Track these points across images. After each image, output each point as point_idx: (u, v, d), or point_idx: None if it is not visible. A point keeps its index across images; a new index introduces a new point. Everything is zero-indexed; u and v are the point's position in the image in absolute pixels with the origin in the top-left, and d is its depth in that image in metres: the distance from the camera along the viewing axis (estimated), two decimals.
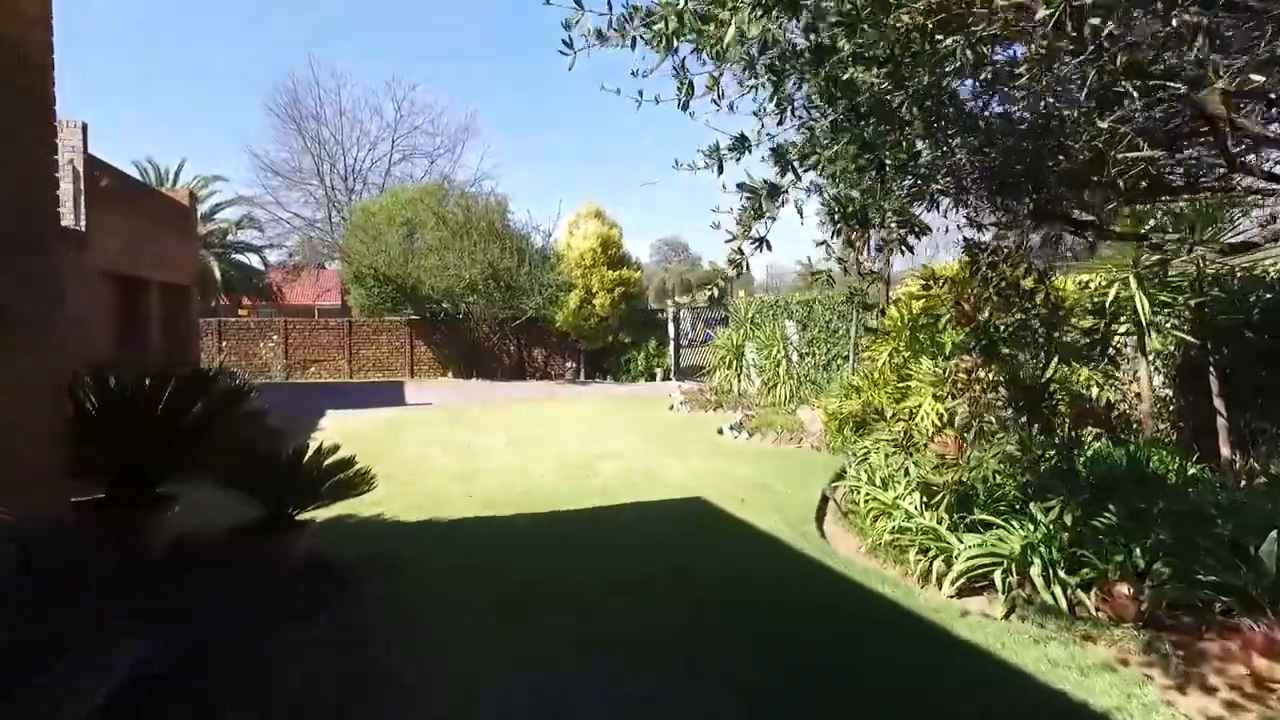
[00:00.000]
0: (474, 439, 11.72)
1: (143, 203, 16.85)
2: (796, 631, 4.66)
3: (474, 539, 6.75)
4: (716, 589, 5.37)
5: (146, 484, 5.73)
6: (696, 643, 4.48)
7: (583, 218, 24.73)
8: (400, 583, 5.64)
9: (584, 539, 6.64)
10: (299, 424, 12.83)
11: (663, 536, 6.67)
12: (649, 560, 5.97)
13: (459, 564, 6.04)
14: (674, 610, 4.94)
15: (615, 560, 6.00)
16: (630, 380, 24.57)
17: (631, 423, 13.66)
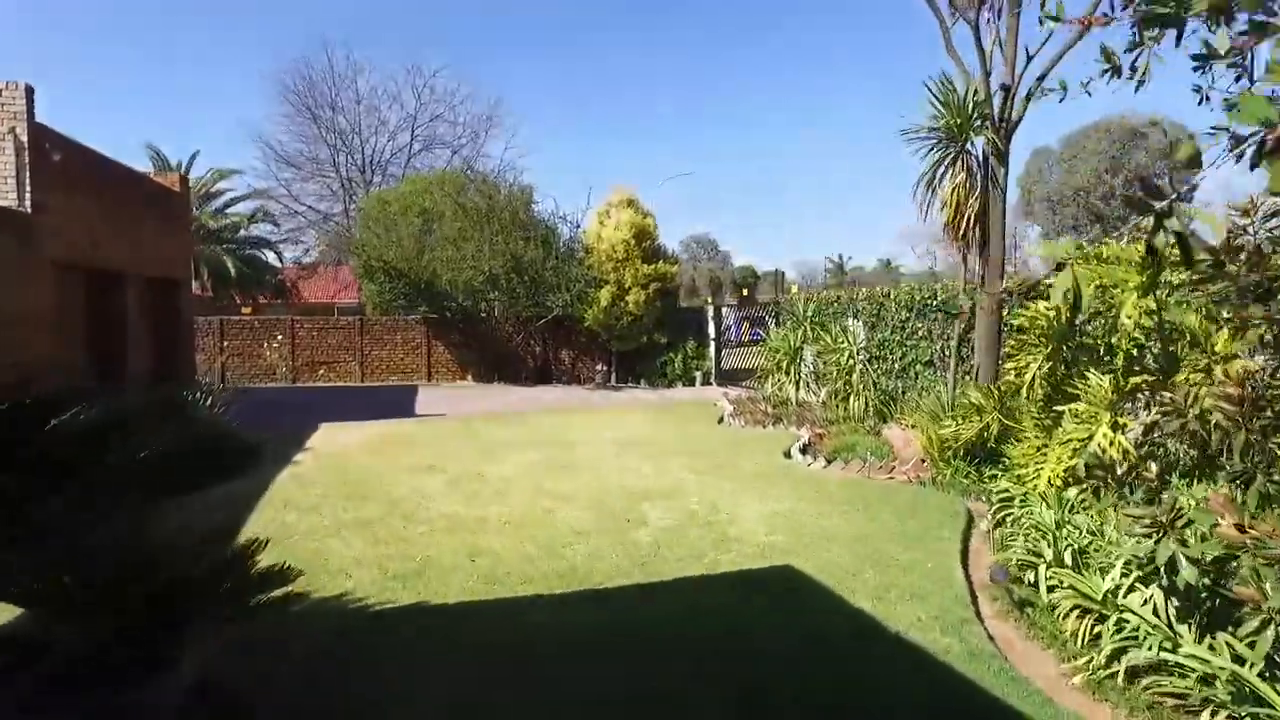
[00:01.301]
0: (487, 466, 9.55)
1: (117, 185, 14.90)
2: None
3: (471, 646, 4.56)
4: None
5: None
6: None
7: (614, 206, 22.54)
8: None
9: (628, 653, 4.43)
10: (280, 443, 10.81)
11: (750, 647, 4.43)
12: (739, 709, 3.76)
13: (439, 708, 3.85)
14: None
15: (681, 710, 3.80)
16: (666, 384, 22.34)
17: (678, 442, 11.44)
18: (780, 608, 5.05)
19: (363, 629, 4.82)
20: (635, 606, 5.09)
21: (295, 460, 9.81)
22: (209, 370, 21.15)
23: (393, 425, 12.98)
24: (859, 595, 5.12)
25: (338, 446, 10.87)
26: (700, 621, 4.83)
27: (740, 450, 10.58)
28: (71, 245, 12.88)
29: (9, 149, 11.39)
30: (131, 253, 15.37)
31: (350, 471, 9.15)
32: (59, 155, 12.14)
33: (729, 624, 4.78)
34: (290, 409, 15.53)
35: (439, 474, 9.05)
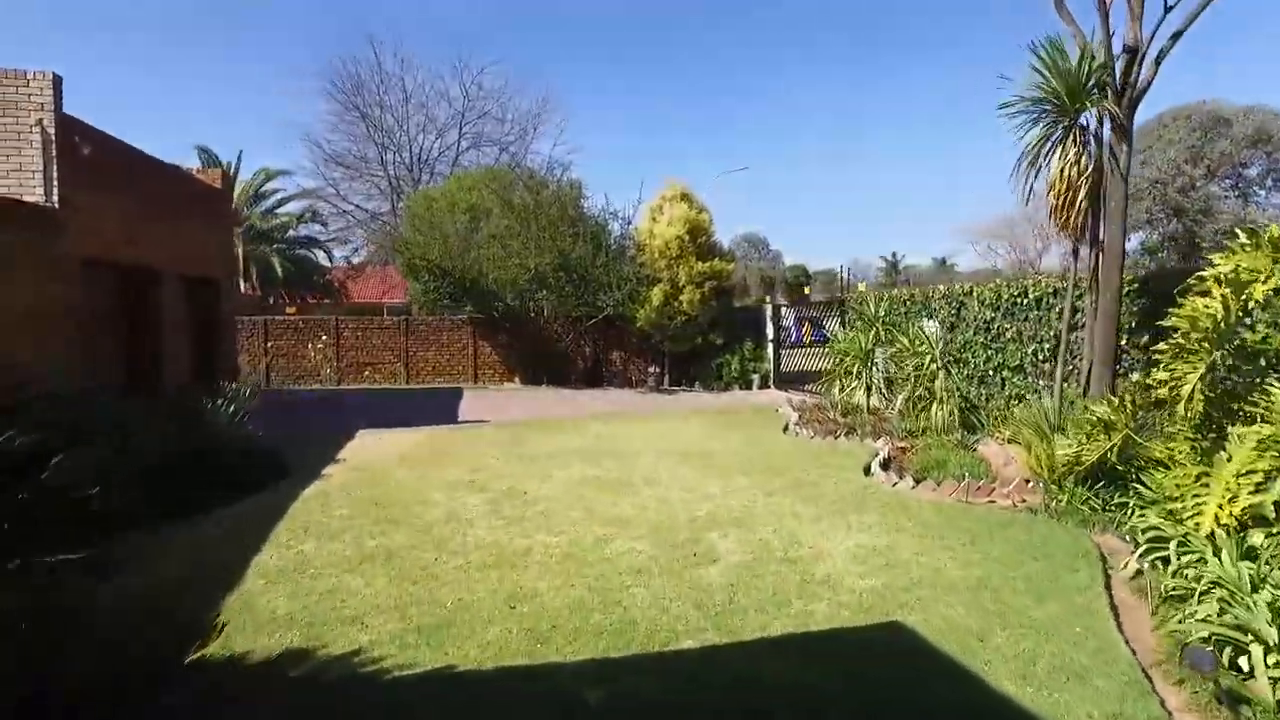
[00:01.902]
0: (532, 483, 8.62)
1: (152, 181, 14.35)
2: None
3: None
4: None
5: None
6: None
7: (667, 201, 21.54)
8: None
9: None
10: (311, 453, 10.06)
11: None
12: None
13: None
14: None
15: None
16: (722, 387, 21.25)
17: (742, 454, 10.39)
18: (897, 691, 3.98)
19: (365, 705, 3.89)
20: (709, 681, 4.07)
21: (323, 474, 8.99)
22: (253, 371, 20.72)
23: (433, 433, 12.16)
24: (998, 672, 4.03)
25: (371, 457, 10.05)
26: (795, 712, 3.80)
27: (813, 465, 9.48)
28: (102, 242, 12.31)
29: (36, 141, 10.82)
30: (168, 250, 14.83)
31: (382, 488, 8.29)
32: (89, 148, 11.55)
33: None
34: (329, 413, 14.87)
35: (479, 492, 8.14)
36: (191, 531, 6.68)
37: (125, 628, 4.65)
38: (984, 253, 54.10)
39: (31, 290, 10.10)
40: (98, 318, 13.04)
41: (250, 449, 8.94)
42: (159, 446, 7.61)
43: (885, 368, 13.31)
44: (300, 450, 10.38)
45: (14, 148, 10.80)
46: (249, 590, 5.27)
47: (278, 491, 8.12)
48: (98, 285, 13.08)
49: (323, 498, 7.84)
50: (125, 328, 14.01)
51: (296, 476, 8.84)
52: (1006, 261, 53.20)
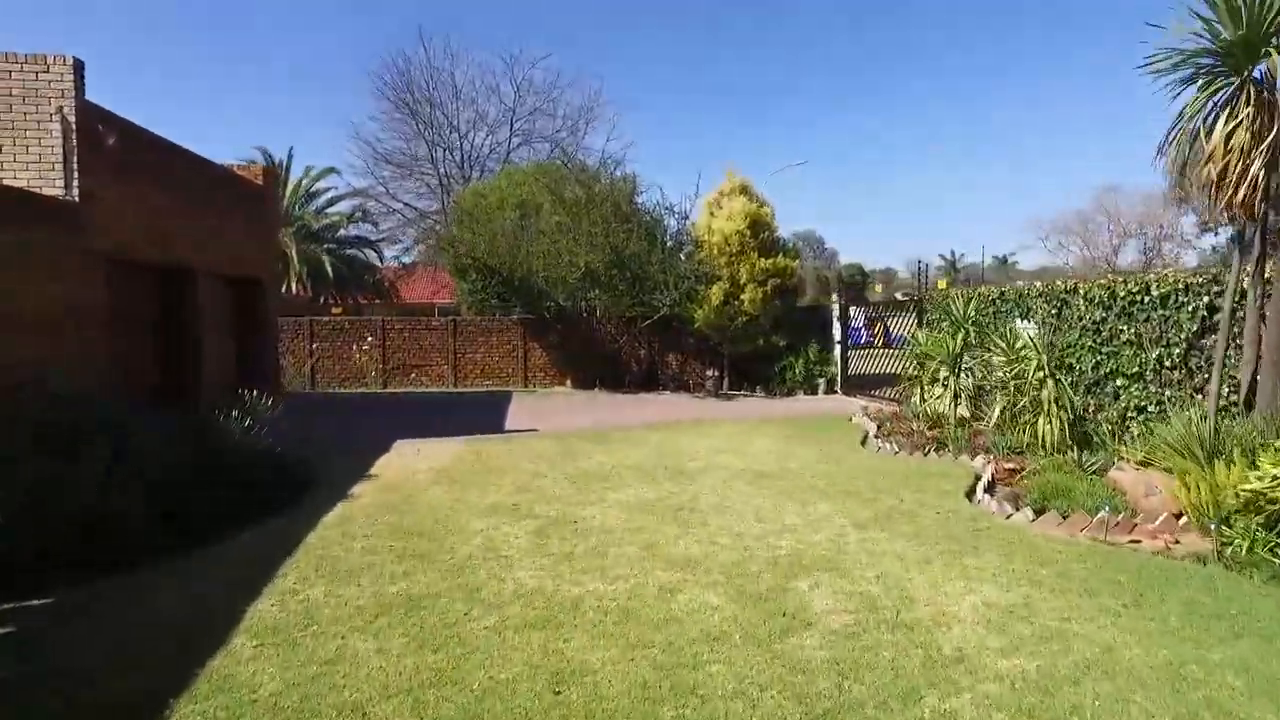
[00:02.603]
0: (584, 508, 7.51)
1: (187, 175, 13.64)
2: None
3: None
4: None
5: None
6: None
7: (726, 195, 20.32)
8: None
9: None
10: (342, 467, 9.13)
11: None
12: None
13: None
14: None
15: None
16: (785, 392, 19.94)
17: (820, 472, 9.15)
18: None
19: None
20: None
21: (350, 493, 8.01)
22: (298, 374, 20.09)
23: (477, 444, 11.15)
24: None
25: (406, 474, 9.06)
26: None
27: (905, 488, 8.20)
28: (129, 238, 11.58)
29: (55, 131, 10.08)
30: (204, 248, 14.11)
31: (414, 513, 7.27)
32: (114, 138, 10.81)
33: None
34: (368, 420, 14.01)
35: (523, 519, 7.06)
36: (184, 569, 5.72)
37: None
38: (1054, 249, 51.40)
39: (47, 289, 9.36)
40: (126, 318, 12.35)
41: (272, 464, 8.00)
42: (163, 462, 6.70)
43: (974, 374, 11.91)
44: (331, 463, 9.46)
45: (34, 137, 10.07)
46: (232, 656, 4.24)
47: (297, 515, 7.15)
48: (126, 284, 12.38)
49: (345, 524, 6.83)
50: (157, 329, 13.33)
51: (321, 496, 7.88)
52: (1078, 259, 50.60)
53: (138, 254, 11.89)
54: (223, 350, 15.95)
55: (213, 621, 4.72)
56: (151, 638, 4.54)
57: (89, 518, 5.58)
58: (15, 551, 5.26)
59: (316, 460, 9.50)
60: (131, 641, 4.49)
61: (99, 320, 10.34)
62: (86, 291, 10.07)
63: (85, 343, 9.92)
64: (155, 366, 13.13)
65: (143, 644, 4.45)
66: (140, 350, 12.82)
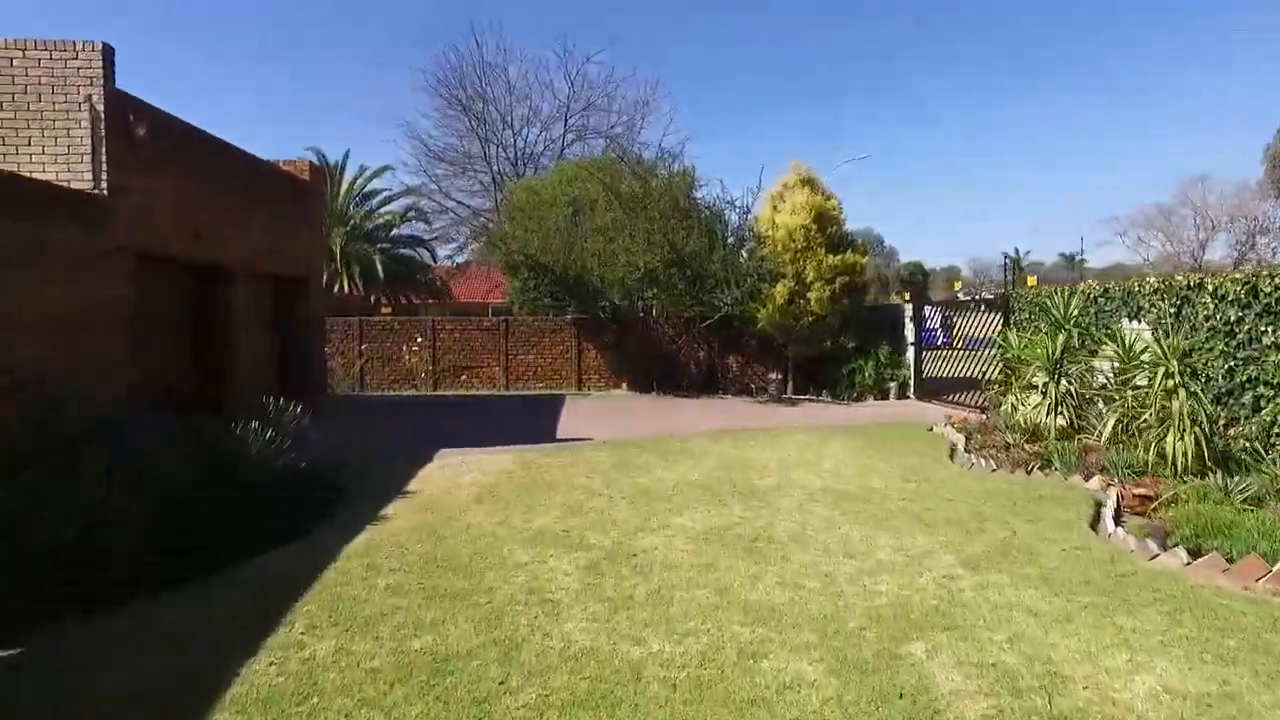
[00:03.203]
0: (643, 536, 6.56)
1: (226, 169, 13.05)
2: None
3: None
4: None
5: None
6: None
7: (789, 188, 19.20)
8: None
9: None
10: (374, 482, 8.35)
11: None
12: None
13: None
14: None
15: None
16: (854, 397, 18.73)
17: (910, 493, 8.04)
18: None
19: None
20: None
21: (383, 515, 7.18)
22: (347, 376, 19.57)
23: (526, 454, 10.28)
24: None
25: (445, 491, 8.20)
26: None
27: (1014, 515, 7.06)
28: (161, 235, 10.98)
29: (84, 121, 9.49)
30: (244, 246, 13.52)
31: (449, 541, 6.40)
32: (145, 129, 10.21)
33: None
34: (413, 425, 13.28)
35: (574, 550, 6.13)
36: (175, 611, 4.91)
37: None
38: (1132, 245, 48.77)
39: (70, 288, 8.77)
40: (156, 318, 11.78)
41: (296, 480, 7.22)
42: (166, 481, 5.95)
43: (1077, 380, 10.62)
44: (366, 477, 8.69)
45: (62, 128, 9.49)
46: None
47: (318, 541, 6.33)
48: (157, 282, 11.80)
49: (370, 554, 5.98)
50: (192, 330, 12.78)
51: (348, 517, 7.07)
52: (1159, 254, 47.94)
53: (170, 251, 11.31)
54: (264, 352, 15.42)
55: (193, 687, 3.88)
56: (113, 714, 3.70)
57: (72, 552, 4.82)
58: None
59: (351, 473, 8.75)
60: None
61: (124, 320, 9.75)
62: (113, 290, 9.47)
63: (109, 345, 9.32)
64: (189, 369, 12.58)
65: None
66: (172, 352, 12.25)
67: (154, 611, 4.89)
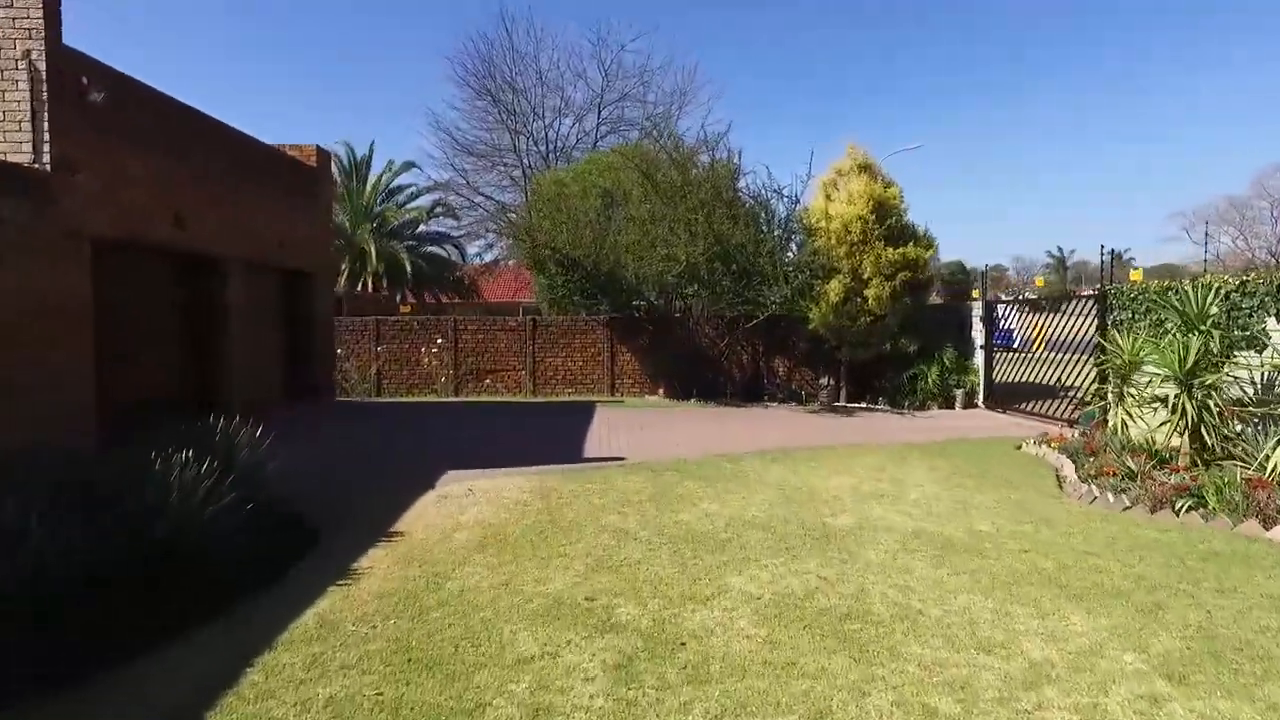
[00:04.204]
0: (693, 612, 4.85)
1: (213, 149, 11.64)
2: None
3: None
4: None
5: None
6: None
7: (844, 174, 17.37)
8: None
9: None
10: (356, 519, 6.75)
11: None
12: None
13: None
14: None
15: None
16: (917, 406, 16.86)
17: (1035, 542, 6.24)
18: None
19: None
20: None
21: (353, 571, 5.55)
22: (362, 379, 18.11)
23: (546, 479, 8.63)
24: None
25: (442, 532, 6.56)
26: None
27: (1197, 585, 5.23)
28: (133, 220, 9.50)
29: (22, 82, 8.07)
30: (240, 236, 12.03)
31: (434, 616, 4.75)
32: (103, 95, 8.73)
33: None
34: (422, 438, 11.70)
35: (599, 635, 4.44)
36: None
37: None
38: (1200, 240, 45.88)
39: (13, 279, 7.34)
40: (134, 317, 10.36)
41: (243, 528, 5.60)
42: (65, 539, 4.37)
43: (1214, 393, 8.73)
44: (347, 511, 7.13)
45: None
46: None
47: (256, 617, 4.71)
48: (134, 275, 10.39)
49: (319, 642, 4.35)
50: (176, 329, 11.35)
51: (306, 576, 5.44)
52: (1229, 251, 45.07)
53: (147, 239, 9.84)
54: (269, 353, 13.99)
55: None
56: None
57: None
58: None
59: (330, 506, 7.19)
60: None
61: (79, 319, 8.26)
62: (63, 283, 7.99)
63: (57, 348, 7.85)
64: (172, 374, 11.14)
65: None
66: (157, 355, 10.83)
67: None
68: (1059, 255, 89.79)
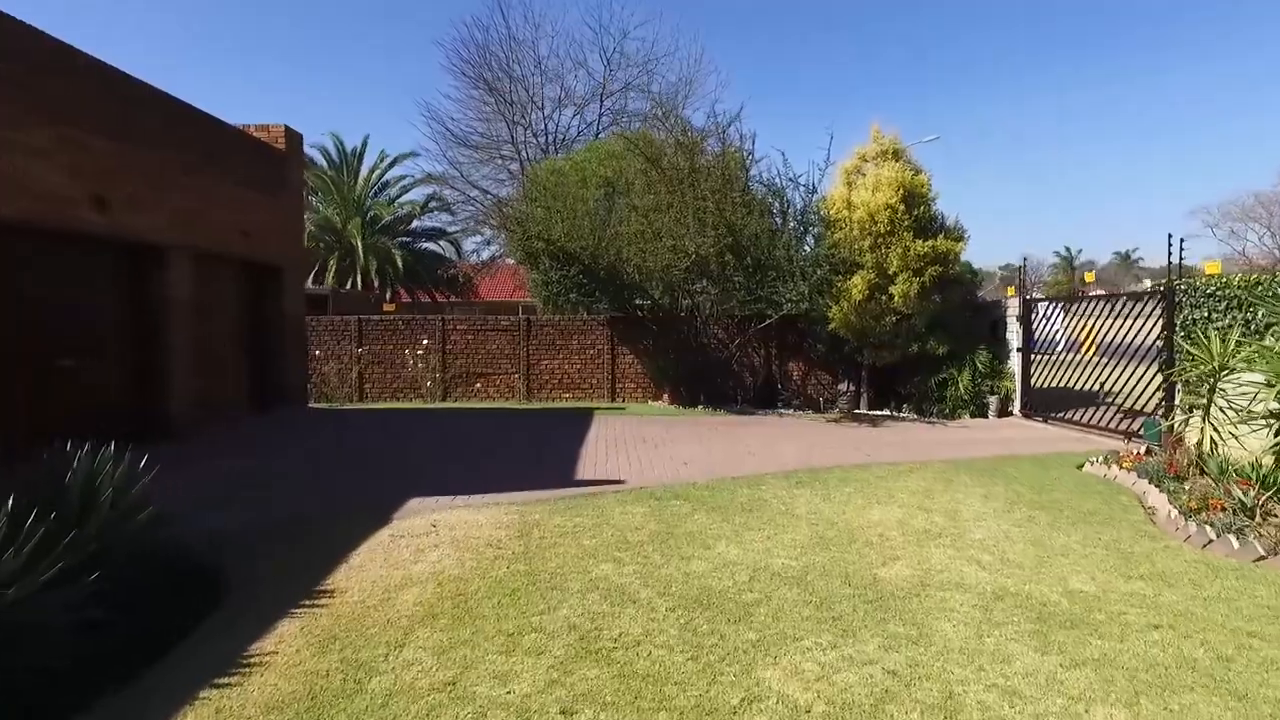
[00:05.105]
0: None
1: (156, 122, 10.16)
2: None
3: None
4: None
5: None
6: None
7: (869, 160, 15.87)
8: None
9: None
10: (278, 573, 5.23)
11: None
12: None
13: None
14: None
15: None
16: (947, 413, 15.37)
17: (1165, 610, 4.72)
18: None
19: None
20: None
21: (249, 658, 4.05)
22: (342, 384, 16.64)
23: (527, 512, 7.13)
24: None
25: (384, 592, 5.06)
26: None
27: None
28: (30, 197, 8.07)
29: None
30: (189, 222, 10.53)
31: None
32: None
33: None
34: (391, 454, 10.19)
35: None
36: None
37: None
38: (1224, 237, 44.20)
39: None
40: (43, 315, 8.89)
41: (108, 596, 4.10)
42: None
43: None
44: (269, 556, 5.64)
45: None
46: None
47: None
48: (45, 267, 8.93)
49: None
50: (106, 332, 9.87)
51: (175, 671, 3.95)
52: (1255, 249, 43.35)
53: (54, 220, 8.37)
54: (223, 356, 12.51)
55: None
56: None
57: None
58: None
59: (253, 550, 5.71)
60: None
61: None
62: None
63: None
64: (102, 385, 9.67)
65: None
66: (78, 360, 9.36)
67: None
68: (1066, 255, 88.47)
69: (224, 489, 7.87)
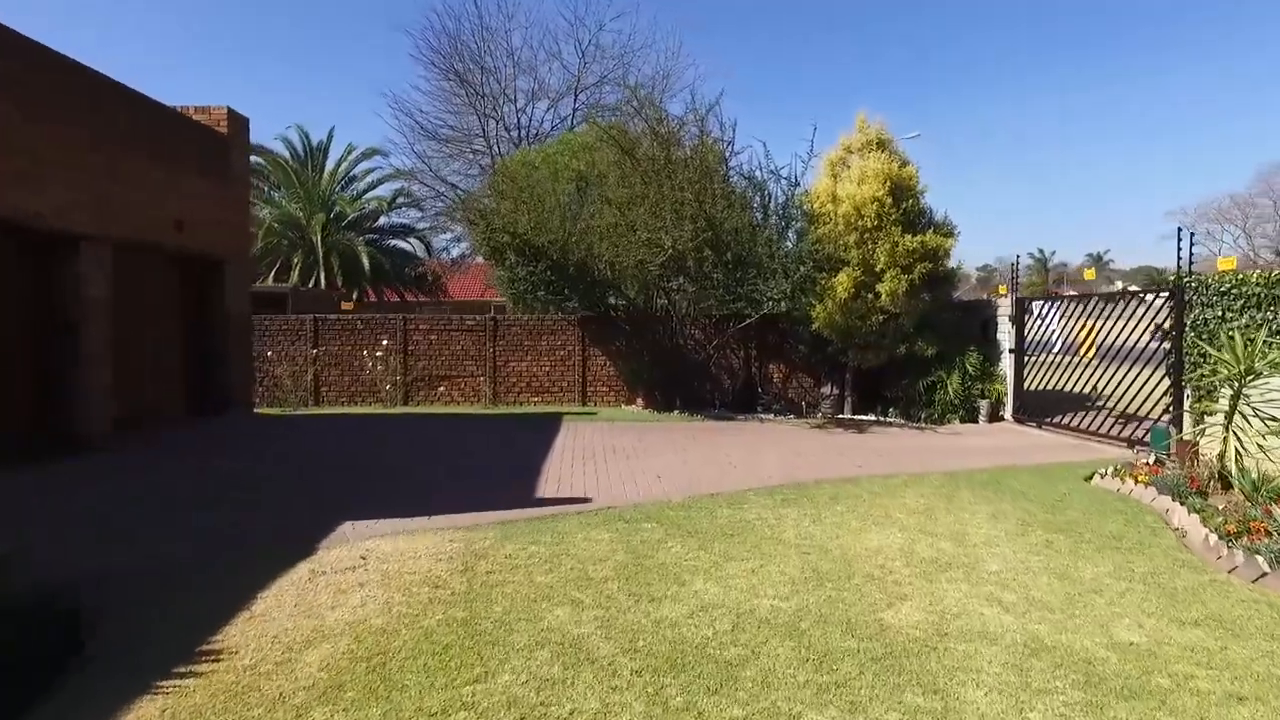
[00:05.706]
0: None
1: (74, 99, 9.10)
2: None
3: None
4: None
5: None
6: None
7: (855, 151, 15.11)
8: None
9: None
10: (173, 614, 4.20)
11: None
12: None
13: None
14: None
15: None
16: (936, 418, 14.58)
17: (1232, 669, 3.89)
18: None
19: None
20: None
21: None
22: (295, 388, 15.58)
23: (475, 540, 6.18)
24: None
25: (288, 650, 4.10)
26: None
27: None
28: None
29: None
30: (105, 210, 9.44)
31: None
32: None
33: None
34: (328, 468, 9.17)
35: None
36: None
37: None
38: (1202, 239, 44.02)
39: None
40: None
41: None
42: None
43: None
44: (154, 603, 4.66)
45: None
46: None
47: None
48: None
49: None
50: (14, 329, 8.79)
51: None
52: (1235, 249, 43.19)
53: None
54: (155, 359, 11.43)
55: None
56: None
57: None
58: None
59: (137, 595, 4.74)
60: None
61: None
62: None
63: None
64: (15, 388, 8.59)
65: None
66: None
67: None
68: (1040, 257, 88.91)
69: (127, 515, 6.86)
